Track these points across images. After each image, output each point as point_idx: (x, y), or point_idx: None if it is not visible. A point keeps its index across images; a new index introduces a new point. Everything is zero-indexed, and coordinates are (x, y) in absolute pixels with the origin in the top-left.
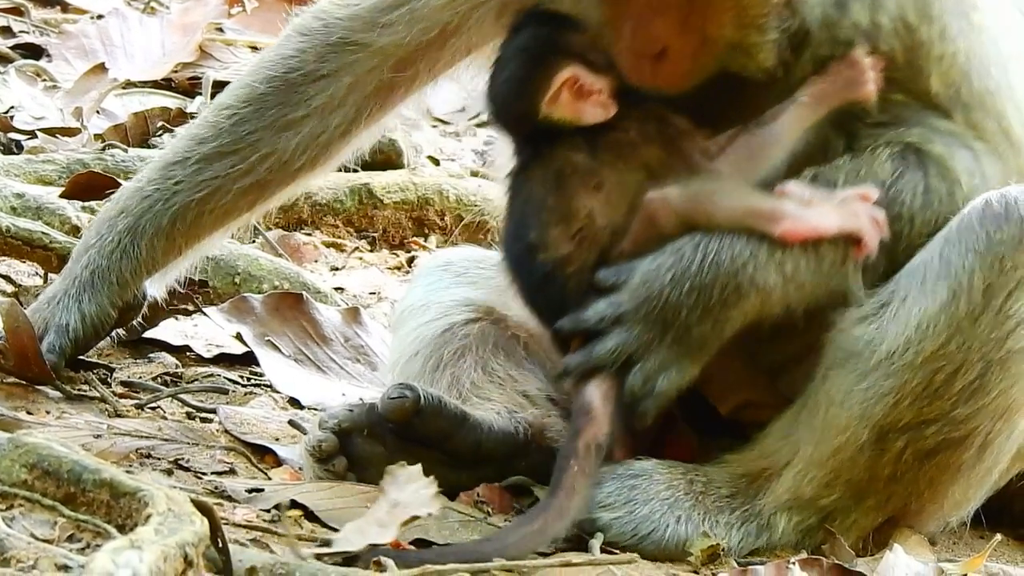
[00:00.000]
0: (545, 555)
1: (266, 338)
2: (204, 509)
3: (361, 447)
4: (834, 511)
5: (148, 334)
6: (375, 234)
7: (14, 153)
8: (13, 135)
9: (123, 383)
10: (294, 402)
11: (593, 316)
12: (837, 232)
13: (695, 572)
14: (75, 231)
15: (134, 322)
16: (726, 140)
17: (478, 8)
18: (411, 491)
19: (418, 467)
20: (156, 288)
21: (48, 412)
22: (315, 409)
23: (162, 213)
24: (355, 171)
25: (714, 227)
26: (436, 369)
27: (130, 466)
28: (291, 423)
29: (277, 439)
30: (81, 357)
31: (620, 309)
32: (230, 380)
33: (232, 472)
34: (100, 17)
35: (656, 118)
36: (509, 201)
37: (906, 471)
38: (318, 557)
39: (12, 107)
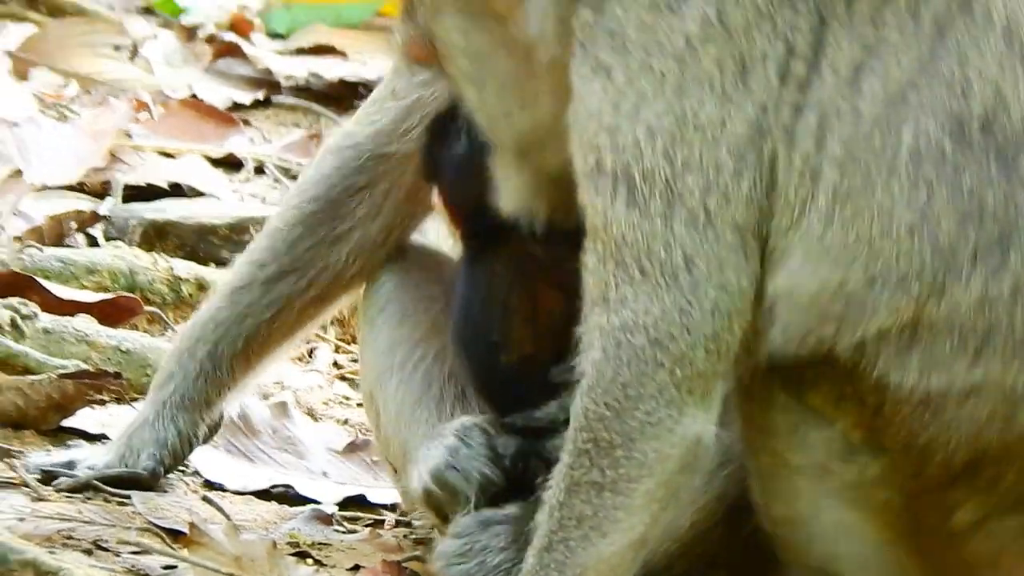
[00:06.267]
0: None
1: None
2: None
3: None
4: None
5: (66, 423)
6: None
7: None
8: None
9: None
10: (207, 485)
11: (544, 418)
12: None
13: None
14: None
15: None
16: None
17: None
18: None
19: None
20: (231, 404)
21: None
22: (238, 492)
23: (236, 337)
24: None
25: None
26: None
27: (52, 547)
28: (205, 499)
29: (190, 522)
30: (3, 445)
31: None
32: None
33: (147, 552)
34: (15, 124)
35: None
36: (463, 294)
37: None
38: None
39: None
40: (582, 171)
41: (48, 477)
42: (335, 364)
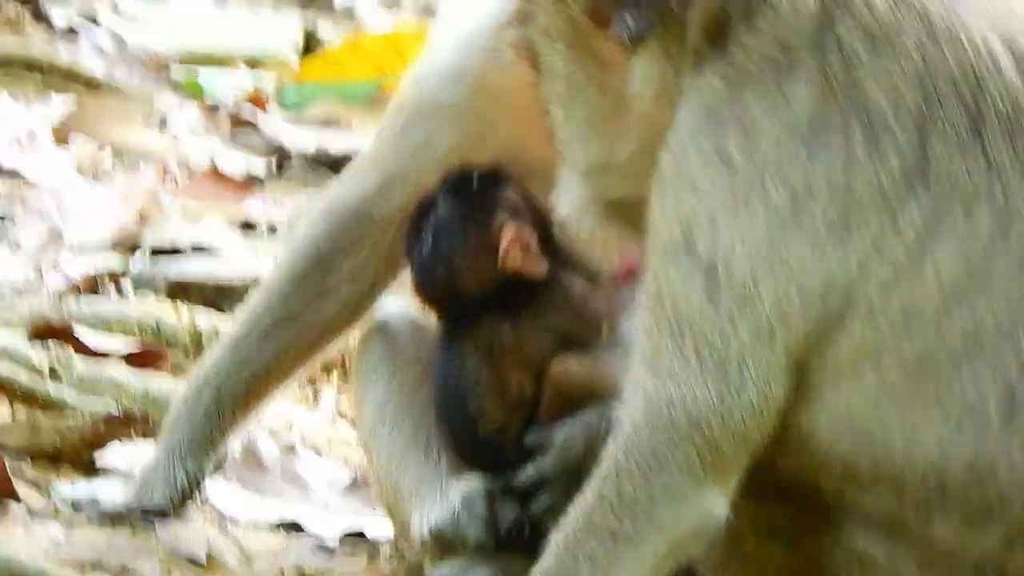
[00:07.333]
0: None
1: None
2: None
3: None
4: None
5: (98, 458)
6: None
7: None
8: None
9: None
10: (223, 517)
11: (524, 480)
12: None
13: None
14: (35, 370)
15: None
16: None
17: (438, 164)
18: None
19: None
20: (233, 442)
21: (15, 525)
22: (250, 524)
23: (237, 383)
24: None
25: (612, 392)
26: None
27: (83, 572)
28: (221, 530)
29: (207, 551)
30: (41, 479)
31: (546, 473)
32: None
33: None
34: (55, 187)
35: (558, 282)
36: (439, 370)
37: None
38: None
39: None
40: (663, 238)
41: (72, 508)
42: (338, 408)
